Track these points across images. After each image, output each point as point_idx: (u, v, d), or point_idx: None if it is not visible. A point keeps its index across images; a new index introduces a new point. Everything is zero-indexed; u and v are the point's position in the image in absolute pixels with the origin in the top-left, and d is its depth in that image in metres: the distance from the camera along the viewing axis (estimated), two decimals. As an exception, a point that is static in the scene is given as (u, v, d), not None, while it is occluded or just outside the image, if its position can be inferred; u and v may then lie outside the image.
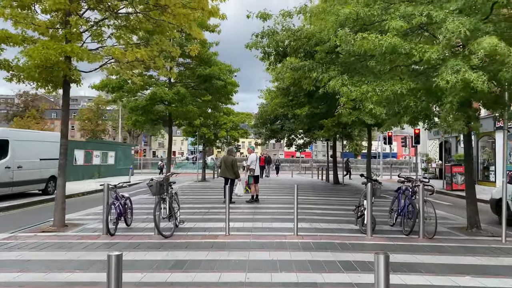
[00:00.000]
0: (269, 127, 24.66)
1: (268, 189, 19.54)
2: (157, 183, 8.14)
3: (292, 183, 25.10)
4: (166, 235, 7.90)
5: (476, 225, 8.91)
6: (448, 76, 6.61)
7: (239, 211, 11.76)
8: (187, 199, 14.69)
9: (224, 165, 13.70)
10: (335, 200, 15.07)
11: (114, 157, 32.03)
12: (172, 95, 14.94)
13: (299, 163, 56.28)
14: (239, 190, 13.49)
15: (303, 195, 16.60)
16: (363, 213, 8.71)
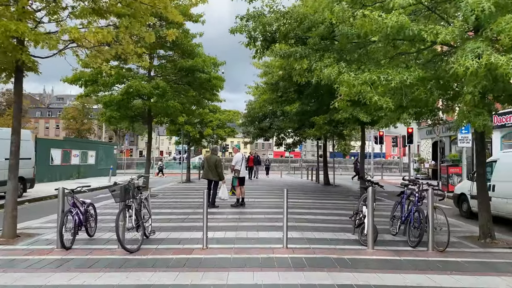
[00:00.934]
0: (257, 125, 23.46)
1: (256, 191, 18.33)
2: (122, 187, 6.88)
3: (282, 184, 24.06)
4: (131, 250, 6.64)
5: (490, 234, 7.82)
6: (468, 61, 5.49)
7: (222, 217, 10.53)
8: (166, 203, 13.43)
9: (207, 166, 12.47)
10: (328, 204, 13.94)
11: (95, 157, 30.55)
12: (150, 89, 13.63)
13: (288, 163, 55.18)
14: (223, 193, 12.27)
15: (292, 197, 15.42)
16: (363, 221, 7.56)
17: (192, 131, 22.35)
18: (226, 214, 11.00)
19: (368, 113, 13.74)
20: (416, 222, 7.45)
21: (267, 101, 17.53)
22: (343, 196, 17.15)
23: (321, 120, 15.14)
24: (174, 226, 9.20)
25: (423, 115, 9.26)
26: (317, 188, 21.47)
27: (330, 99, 17.07)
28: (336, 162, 32.83)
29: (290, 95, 16.78)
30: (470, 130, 17.66)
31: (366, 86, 6.51)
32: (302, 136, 24.34)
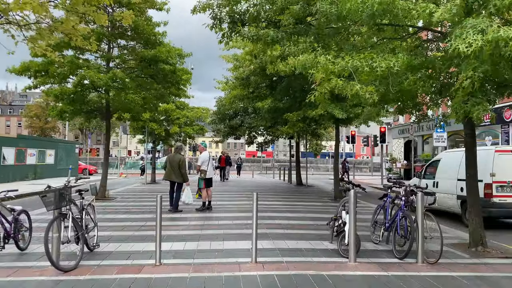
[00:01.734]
0: (228, 123, 22.35)
1: (225, 193, 17.22)
2: (56, 193, 5.64)
3: (253, 185, 23.05)
4: (65, 268, 5.42)
5: (482, 242, 7.03)
6: (469, 37, 4.60)
7: (184, 224, 9.37)
8: (124, 207, 12.12)
9: (170, 166, 11.27)
10: (301, 206, 12.99)
11: (54, 156, 28.57)
12: (107, 81, 12.27)
13: (261, 163, 54.33)
14: (187, 196, 11.10)
15: (264, 200, 14.41)
16: (343, 229, 6.60)
17: (157, 128, 20.99)
18: (189, 220, 9.84)
19: (343, 110, 12.90)
20: (402, 229, 6.56)
21: (237, 97, 16.45)
22: (317, 197, 16.29)
23: (295, 117, 14.20)
24: (127, 235, 7.97)
25: (406, 110, 8.41)
26: (290, 189, 20.56)
27: (303, 96, 16.28)
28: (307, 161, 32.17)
29: (262, 91, 15.78)
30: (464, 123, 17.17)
31: (346, 73, 5.55)
32: (274, 135, 23.40)
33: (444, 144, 18.07)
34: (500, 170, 9.61)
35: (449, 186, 10.80)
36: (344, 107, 12.87)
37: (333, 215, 7.54)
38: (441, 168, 11.65)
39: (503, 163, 9.70)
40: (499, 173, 9.60)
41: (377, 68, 5.35)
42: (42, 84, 13.38)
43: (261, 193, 17.42)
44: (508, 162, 9.75)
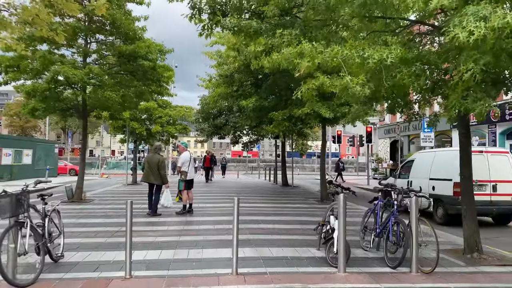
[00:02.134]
0: (212, 122, 21.76)
1: (208, 194, 16.65)
2: (12, 198, 5.02)
3: (237, 186, 22.47)
4: (21, 283, 4.82)
5: (477, 248, 6.64)
6: (470, 25, 4.16)
7: (162, 229, 8.78)
8: (100, 211, 11.47)
9: (148, 167, 10.65)
10: (287, 208, 12.51)
11: (32, 156, 27.57)
12: (82, 77, 11.59)
13: (246, 163, 53.84)
14: (166, 199, 10.51)
15: (248, 201, 13.91)
16: (331, 236, 6.13)
17: (139, 128, 20.29)
18: (168, 225, 9.25)
19: (330, 109, 12.47)
20: (395, 236, 6.12)
21: (221, 95, 15.89)
22: (303, 198, 15.84)
23: (280, 115, 13.71)
24: (99, 243, 7.36)
25: (397, 109, 7.98)
26: (275, 190, 20.09)
27: (289, 94, 15.79)
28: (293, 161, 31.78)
29: (247, 89, 15.24)
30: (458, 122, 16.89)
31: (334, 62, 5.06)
32: (259, 134, 22.90)
33: (431, 144, 17.82)
34: None
35: (422, 185, 10.92)
36: (331, 106, 12.45)
37: (321, 220, 7.06)
38: (415, 168, 12.17)
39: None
40: None
41: (369, 59, 4.87)
42: (13, 80, 12.60)
43: (246, 194, 16.97)
44: (475, 162, 9.81)
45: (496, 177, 10.11)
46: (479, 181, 9.87)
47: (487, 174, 10.10)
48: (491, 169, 10.14)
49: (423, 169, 11.66)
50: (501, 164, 10.28)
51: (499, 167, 10.22)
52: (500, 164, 10.26)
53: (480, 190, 9.91)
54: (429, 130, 17.62)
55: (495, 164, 10.22)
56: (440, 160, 11.26)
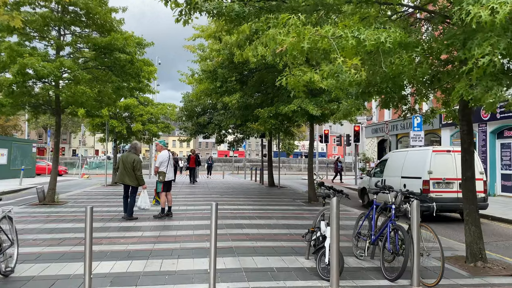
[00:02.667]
0: (195, 121, 20.97)
1: (190, 196, 15.88)
2: None
3: (222, 187, 21.67)
4: (-46, 308, 4.03)
5: (481, 255, 6.05)
6: (492, 1, 3.52)
7: (136, 235, 8.01)
8: (71, 214, 10.62)
9: (123, 167, 9.86)
10: (273, 211, 11.82)
11: (7, 156, 26.42)
12: (52, 70, 10.72)
13: (232, 162, 53.11)
14: (143, 202, 9.75)
15: (232, 203, 13.21)
16: (323, 245, 5.46)
17: (118, 126, 19.38)
18: (143, 230, 8.48)
19: (318, 106, 11.84)
20: (393, 244, 5.47)
21: (204, 92, 15.12)
22: (289, 199, 15.19)
23: (266, 113, 13.02)
24: (62, 252, 6.56)
25: (392, 103, 7.36)
26: (261, 191, 19.40)
27: (275, 92, 15.13)
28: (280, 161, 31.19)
29: (231, 86, 14.52)
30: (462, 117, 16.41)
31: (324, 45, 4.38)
32: (245, 133, 22.20)
33: (421, 143, 17.34)
34: (437, 168, 10.63)
35: (394, 183, 11.25)
36: (319, 103, 11.82)
37: (310, 226, 6.39)
38: (388, 167, 12.71)
39: (439, 162, 10.72)
40: (435, 171, 10.61)
41: (365, 42, 4.20)
42: (-23, 74, 11.66)
43: (230, 196, 16.23)
44: (443, 161, 10.72)
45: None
46: (446, 179, 10.58)
47: (454, 172, 10.55)
48: (458, 168, 10.13)
49: (395, 167, 12.13)
50: None
51: None
52: None
53: (448, 187, 10.64)
54: (419, 129, 17.15)
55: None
56: (411, 159, 11.74)
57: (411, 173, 11.27)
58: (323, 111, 11.54)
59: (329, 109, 11.58)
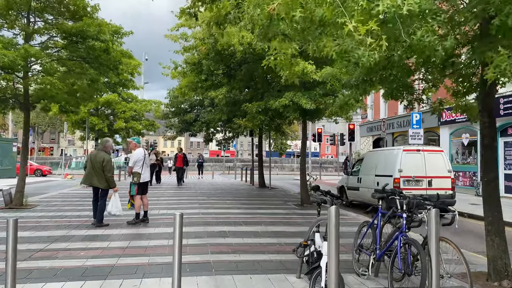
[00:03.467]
0: (181, 118, 19.85)
1: (173, 198, 14.77)
2: None
3: (210, 188, 20.41)
4: None
5: (507, 273, 5.04)
6: None
7: (100, 246, 6.89)
8: (37, 220, 9.46)
9: (91, 167, 8.74)
10: (262, 215, 10.76)
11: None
12: (14, 58, 9.58)
13: (223, 162, 52.04)
14: (114, 206, 8.66)
15: (218, 207, 12.13)
16: (318, 264, 4.40)
17: (99, 123, 18.20)
18: (110, 240, 7.36)
19: (312, 99, 10.81)
20: (404, 261, 4.44)
21: (189, 86, 14.01)
22: (281, 202, 14.14)
23: (254, 107, 11.95)
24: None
25: (398, 94, 6.34)
26: (251, 192, 18.33)
27: (266, 87, 14.08)
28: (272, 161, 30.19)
29: (218, 79, 13.43)
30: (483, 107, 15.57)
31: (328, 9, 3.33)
32: (234, 131, 21.09)
33: (420, 142, 16.40)
34: (407, 167, 11.09)
35: (369, 181, 12.30)
36: (313, 96, 10.79)
37: (302, 234, 5.33)
38: (364, 166, 13.24)
39: (409, 160, 11.21)
40: (405, 169, 11.06)
41: (378, 2, 3.15)
42: None
43: (216, 198, 15.10)
44: (413, 160, 11.23)
45: (431, 173, 11.14)
46: (416, 177, 11.07)
47: (423, 170, 11.13)
48: (427, 166, 11.18)
49: (370, 166, 12.69)
50: (436, 161, 11.36)
51: (435, 164, 11.28)
52: (435, 162, 11.33)
53: (417, 185, 11.08)
54: (418, 126, 16.19)
55: (431, 161, 11.29)
56: (384, 158, 12.26)
57: (384, 171, 11.76)
58: (317, 105, 10.51)
59: (324, 103, 10.54)
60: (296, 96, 10.82)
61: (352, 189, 13.58)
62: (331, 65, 10.95)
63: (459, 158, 18.87)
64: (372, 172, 12.38)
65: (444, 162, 11.43)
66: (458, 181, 18.71)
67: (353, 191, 13.56)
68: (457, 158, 19.00)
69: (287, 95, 10.65)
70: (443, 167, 11.32)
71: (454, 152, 19.15)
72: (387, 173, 11.55)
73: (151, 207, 11.68)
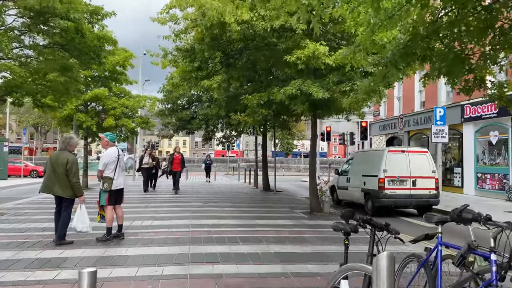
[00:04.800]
0: (178, 115, 18.13)
1: (166, 204, 13.02)
2: None
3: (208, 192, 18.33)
4: None
5: None
6: None
7: (44, 278, 5.13)
8: (3, 230, 7.74)
9: (51, 170, 6.99)
10: (264, 228, 8.97)
11: (-28, 156, 23.58)
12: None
13: (227, 163, 50.39)
14: (80, 221, 6.90)
15: (213, 216, 10.37)
16: None
17: (87, 120, 16.53)
18: (63, 267, 5.58)
19: (324, 87, 9.00)
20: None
21: (182, 76, 12.25)
22: (286, 208, 12.35)
23: (255, 100, 10.14)
24: None
25: (453, 70, 4.53)
26: (254, 196, 16.55)
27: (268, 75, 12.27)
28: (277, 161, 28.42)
29: (214, 68, 11.64)
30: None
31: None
32: (233, 128, 19.23)
33: (445, 140, 14.55)
34: (391, 167, 11.31)
35: (357, 181, 12.71)
36: (326, 84, 8.99)
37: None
38: (353, 166, 13.55)
39: (394, 161, 11.41)
40: (390, 169, 11.28)
41: None
42: None
43: (215, 204, 13.19)
44: (398, 160, 11.41)
45: (416, 174, 11.35)
46: (400, 177, 11.27)
47: (408, 171, 11.35)
48: (411, 167, 11.38)
49: (358, 166, 12.98)
50: (421, 162, 11.54)
51: (419, 164, 11.46)
52: (420, 162, 11.51)
53: (402, 185, 11.33)
54: (442, 122, 14.32)
55: (415, 162, 11.47)
56: (370, 158, 12.52)
57: (370, 171, 11.96)
58: (331, 94, 8.69)
59: (339, 92, 8.72)
60: (305, 84, 9.02)
61: (342, 189, 13.90)
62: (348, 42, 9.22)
63: (486, 158, 16.93)
64: (360, 172, 12.64)
65: (428, 163, 11.61)
66: (485, 184, 16.79)
67: (343, 191, 13.89)
68: (483, 159, 17.06)
69: (294, 83, 8.85)
70: (427, 167, 11.53)
71: (480, 152, 17.20)
72: (372, 173, 11.75)
73: (134, 216, 9.99)
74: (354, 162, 13.73)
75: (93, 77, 17.07)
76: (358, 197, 12.58)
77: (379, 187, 11.23)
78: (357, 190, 12.60)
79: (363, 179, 12.28)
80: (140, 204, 12.75)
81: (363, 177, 12.34)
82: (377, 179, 11.32)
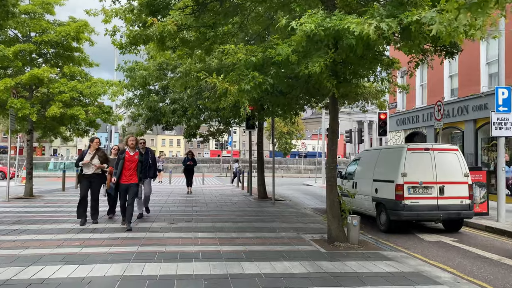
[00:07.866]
0: (146, 104, 14.09)
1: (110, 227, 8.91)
2: None
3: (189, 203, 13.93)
4: None
5: None
6: None
7: None
8: None
9: None
10: (257, 278, 4.88)
11: None
12: None
13: (220, 163, 46.41)
14: None
15: (179, 251, 6.19)
16: None
17: (24, 108, 12.45)
18: None
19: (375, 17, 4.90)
20: None
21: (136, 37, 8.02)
22: (291, 233, 8.27)
23: (242, 52, 5.92)
24: None
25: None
26: (245, 210, 12.42)
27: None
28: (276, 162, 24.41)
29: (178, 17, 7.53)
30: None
31: None
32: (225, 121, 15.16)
33: (509, 133, 10.47)
34: (412, 170, 9.12)
35: (366, 187, 10.46)
36: (375, 13, 4.90)
37: None
38: (360, 168, 11.43)
39: (415, 162, 9.23)
40: (410, 173, 9.10)
41: None
42: None
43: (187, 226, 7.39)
44: (420, 161, 9.29)
45: (443, 178, 9.20)
46: (424, 182, 9.11)
47: (433, 175, 9.17)
48: (437, 169, 9.21)
49: (367, 169, 10.85)
50: (449, 163, 9.35)
51: (447, 166, 9.29)
52: (448, 164, 9.33)
53: (426, 193, 9.16)
54: (507, 109, 10.26)
55: (442, 163, 9.30)
56: (383, 159, 10.31)
57: (384, 175, 9.80)
58: (390, 27, 4.51)
59: (406, 22, 4.53)
60: (336, 17, 4.91)
61: (346, 196, 9.50)
62: None
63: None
64: (369, 176, 10.42)
65: (459, 164, 9.38)
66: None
67: (348, 198, 9.44)
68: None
69: (311, 17, 4.76)
70: (458, 170, 9.34)
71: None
72: (387, 178, 9.53)
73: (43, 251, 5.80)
74: (362, 163, 11.46)
75: (34, 51, 13.11)
76: (368, 207, 10.29)
77: (396, 196, 9.04)
78: (367, 198, 10.29)
79: (374, 185, 10.05)
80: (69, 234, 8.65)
81: (374, 182, 10.08)
82: (394, 186, 9.15)
